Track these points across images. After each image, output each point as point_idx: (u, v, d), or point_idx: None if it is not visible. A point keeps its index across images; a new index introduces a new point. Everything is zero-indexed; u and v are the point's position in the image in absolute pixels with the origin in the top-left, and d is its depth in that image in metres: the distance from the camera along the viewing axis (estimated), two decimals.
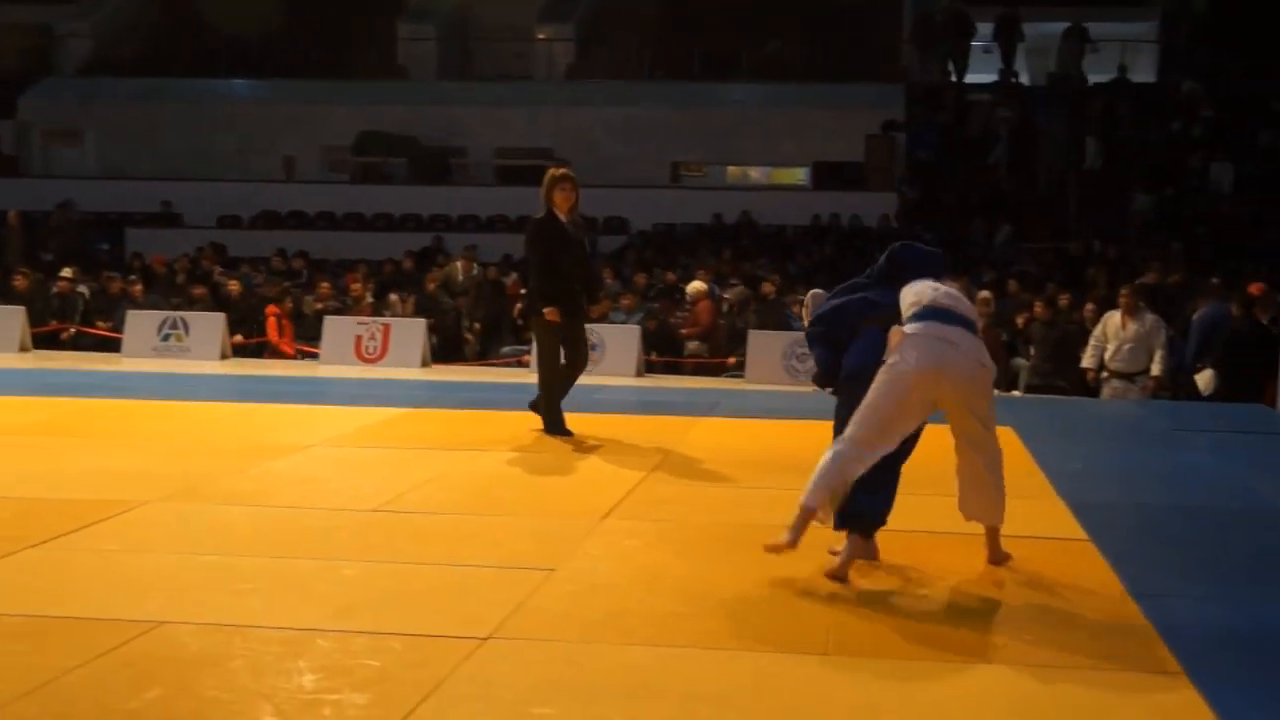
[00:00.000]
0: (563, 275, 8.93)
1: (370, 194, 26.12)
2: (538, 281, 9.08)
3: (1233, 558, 5.92)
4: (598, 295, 9.62)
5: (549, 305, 8.87)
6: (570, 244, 8.96)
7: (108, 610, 4.73)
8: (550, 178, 9.09)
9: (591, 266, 9.35)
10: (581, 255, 9.09)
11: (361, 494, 6.92)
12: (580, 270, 9.08)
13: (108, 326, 16.86)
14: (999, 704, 3.93)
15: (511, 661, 4.26)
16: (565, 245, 8.93)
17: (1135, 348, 12.31)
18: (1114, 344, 12.39)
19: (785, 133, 26.36)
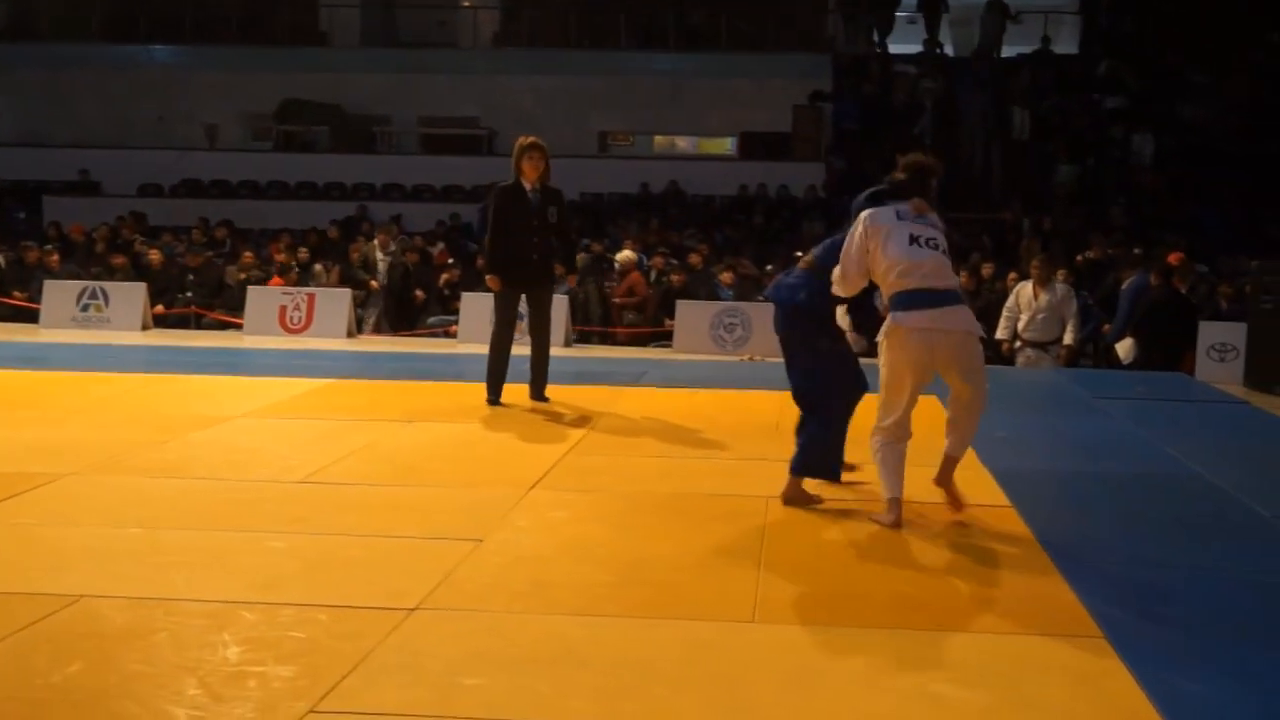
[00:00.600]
0: (517, 245, 8.94)
1: (293, 162, 25.82)
2: (487, 249, 9.21)
3: (1151, 522, 6.02)
4: (570, 266, 9.59)
5: (493, 273, 8.99)
6: (530, 213, 8.94)
7: (28, 584, 4.66)
8: (519, 147, 9.08)
9: (562, 236, 9.27)
10: (544, 226, 9.02)
11: (287, 465, 6.86)
12: (541, 241, 9.03)
13: (24, 297, 16.58)
14: (923, 668, 3.98)
15: (439, 632, 4.25)
16: (524, 214, 8.94)
17: (1048, 317, 12.48)
18: (1027, 314, 12.56)
19: (712, 103, 26.35)
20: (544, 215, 9.00)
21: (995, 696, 3.77)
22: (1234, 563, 5.30)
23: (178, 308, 16.54)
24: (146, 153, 25.74)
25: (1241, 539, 5.73)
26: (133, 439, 7.47)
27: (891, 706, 3.69)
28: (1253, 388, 11.48)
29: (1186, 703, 3.73)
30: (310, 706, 3.62)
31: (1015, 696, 3.78)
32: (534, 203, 8.97)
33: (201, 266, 17.03)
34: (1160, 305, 13.11)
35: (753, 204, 23.33)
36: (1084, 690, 3.84)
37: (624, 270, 16.08)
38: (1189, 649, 4.22)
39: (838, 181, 23.50)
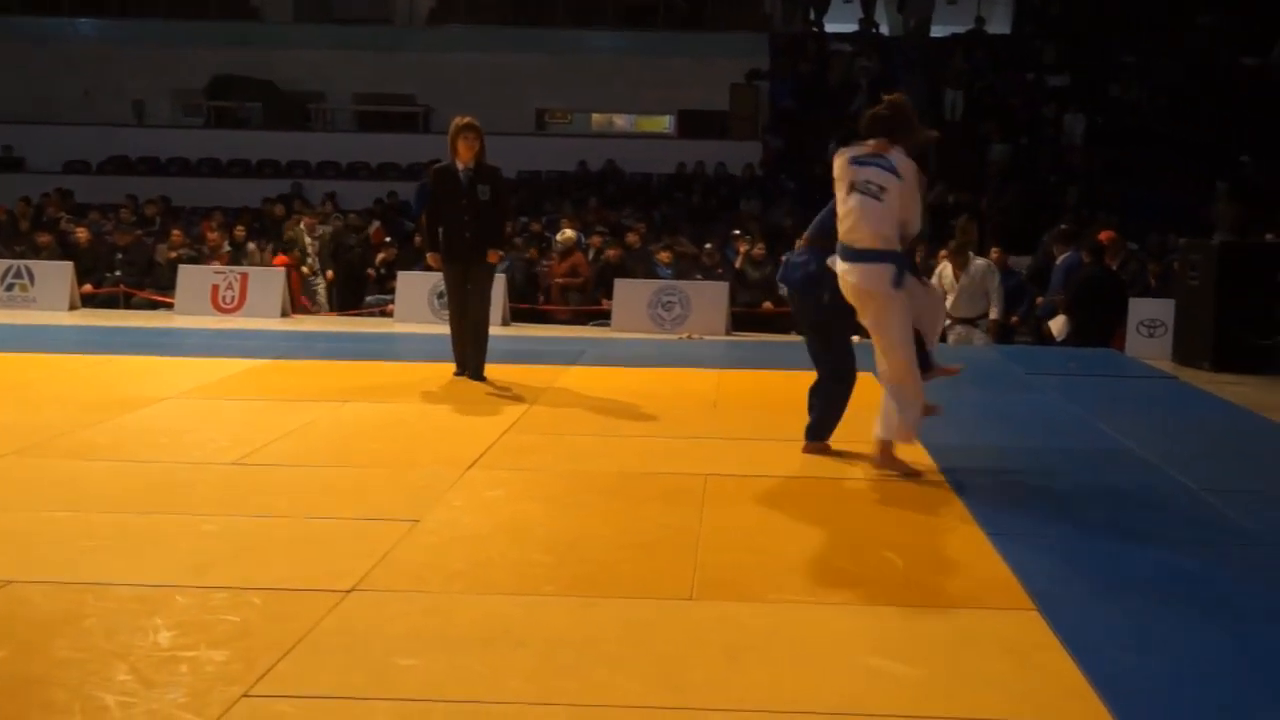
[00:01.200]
0: (450, 223, 9.10)
1: (225, 139, 25.55)
2: (426, 229, 9.40)
3: (1082, 496, 6.08)
4: (498, 243, 9.61)
5: (430, 252, 9.26)
6: (462, 193, 9.07)
7: None
8: (455, 127, 9.22)
9: (493, 216, 9.28)
10: (474, 204, 9.09)
11: (220, 447, 6.78)
12: (473, 219, 9.10)
13: None
14: (861, 642, 4.00)
15: (375, 614, 4.22)
16: (456, 194, 9.08)
17: (971, 294, 12.58)
18: (951, 294, 12.66)
19: (650, 81, 26.33)
20: (474, 194, 9.08)
21: (931, 670, 3.80)
22: (1163, 536, 5.37)
23: (106, 287, 16.29)
24: (72, 129, 25.35)
25: (1171, 511, 5.80)
26: (60, 421, 7.35)
27: (828, 681, 3.71)
28: (1181, 363, 11.63)
29: (1119, 674, 3.77)
30: (244, 690, 3.58)
31: (951, 670, 3.81)
32: (464, 182, 9.07)
33: (130, 245, 16.78)
34: (1091, 282, 13.25)
35: (690, 182, 23.34)
36: (1019, 663, 3.88)
37: (565, 250, 16.02)
38: (1122, 622, 4.27)
39: (774, 160, 23.58)
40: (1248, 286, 11.17)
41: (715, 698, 3.59)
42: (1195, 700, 3.64)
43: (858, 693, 3.64)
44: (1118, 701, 3.58)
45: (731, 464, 6.53)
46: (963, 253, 12.59)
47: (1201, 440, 7.68)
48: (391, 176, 24.13)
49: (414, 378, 9.30)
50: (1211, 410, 8.93)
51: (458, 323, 9.38)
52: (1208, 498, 6.02)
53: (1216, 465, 6.91)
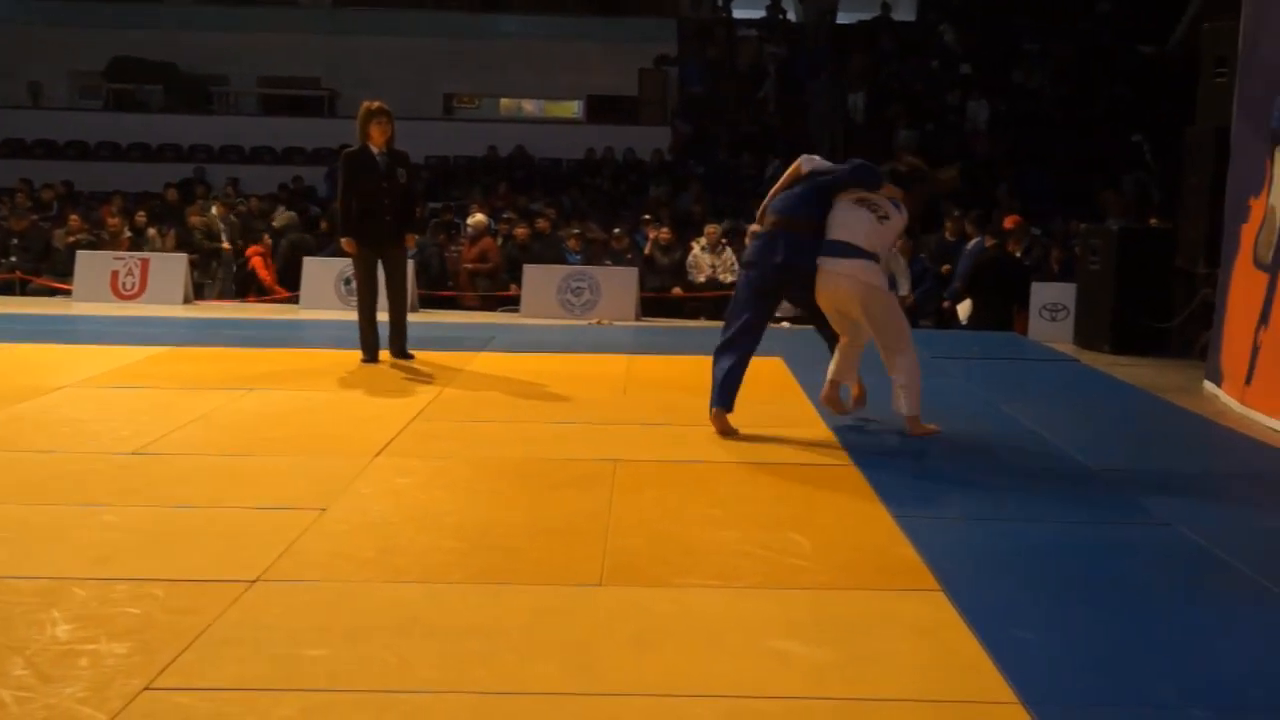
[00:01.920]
0: (369, 208, 9.14)
1: (125, 122, 25.03)
2: (340, 213, 9.39)
3: (986, 477, 6.19)
4: (414, 227, 9.76)
5: (347, 236, 9.23)
6: (380, 177, 9.15)
7: None
8: (366, 111, 9.27)
9: (409, 200, 9.47)
10: (394, 188, 9.21)
11: (121, 436, 6.66)
12: (392, 203, 9.22)
13: None
14: (769, 625, 4.03)
15: (281, 604, 4.17)
16: (374, 178, 9.14)
17: None
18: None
19: (559, 65, 26.26)
20: (394, 178, 9.19)
21: (837, 651, 3.84)
22: (1064, 514, 5.47)
23: (1, 273, 15.94)
24: None
25: (1072, 491, 5.91)
26: None
27: (736, 664, 3.73)
28: (1081, 346, 11.85)
29: (1021, 651, 3.84)
30: (145, 684, 3.52)
31: (856, 651, 3.85)
32: (383, 166, 9.16)
33: (27, 230, 16.42)
34: (991, 266, 13.46)
35: (600, 168, 23.30)
36: (923, 642, 3.93)
37: (476, 235, 15.93)
38: (1023, 599, 4.35)
39: (683, 145, 23.60)
40: (1146, 271, 11.40)
41: (624, 683, 3.60)
42: (1092, 675, 3.72)
43: (764, 675, 3.67)
44: (1018, 677, 3.64)
45: (641, 449, 6.55)
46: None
47: (1100, 421, 7.84)
48: (297, 161, 23.83)
49: (320, 365, 9.21)
50: (1110, 392, 9.11)
51: (370, 309, 9.38)
52: (1106, 477, 6.15)
53: (1114, 445, 7.06)
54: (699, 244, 15.52)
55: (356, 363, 9.24)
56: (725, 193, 20.77)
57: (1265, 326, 7.98)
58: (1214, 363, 9.10)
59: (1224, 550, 4.94)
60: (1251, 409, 8.04)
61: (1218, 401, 8.68)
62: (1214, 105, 10.46)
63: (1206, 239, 10.30)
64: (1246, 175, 8.82)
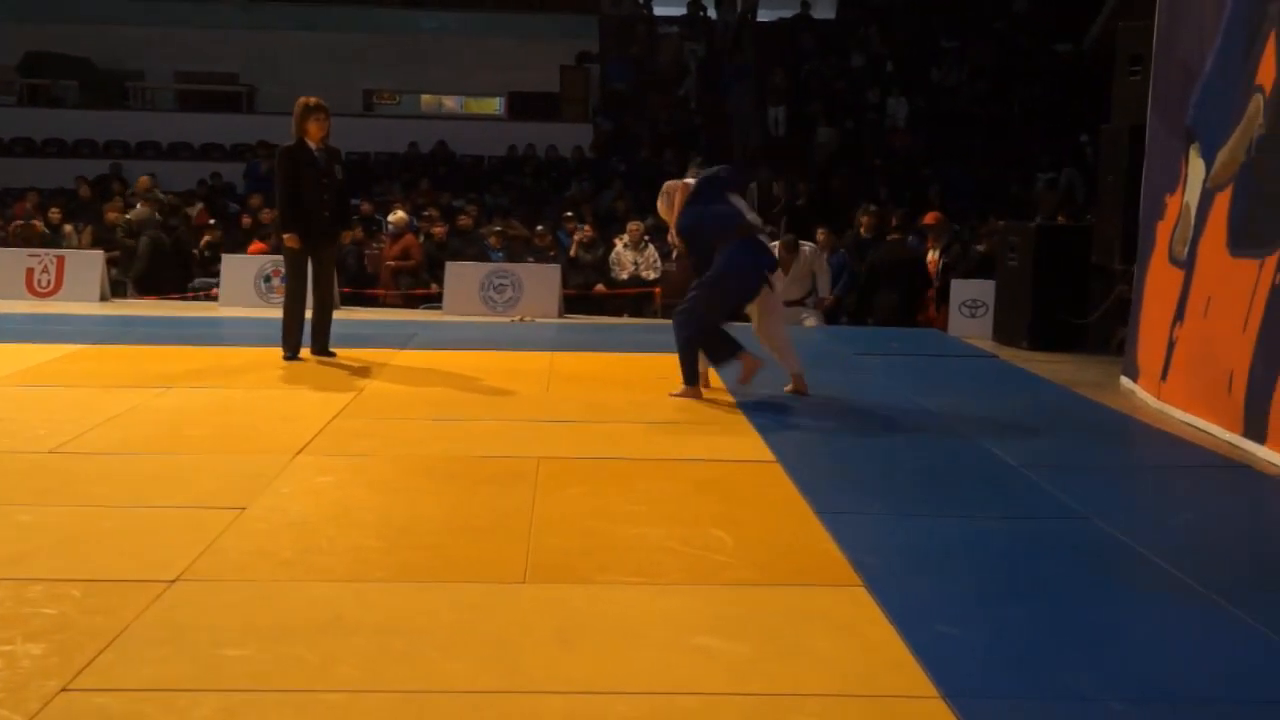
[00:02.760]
0: (308, 204, 9.14)
1: (39, 118, 24.60)
2: (280, 209, 9.33)
3: (907, 473, 6.25)
4: (348, 223, 9.83)
5: (289, 232, 9.16)
6: (319, 173, 9.18)
7: None
8: (304, 107, 9.24)
9: (344, 195, 9.55)
10: (330, 184, 9.24)
11: (36, 435, 6.55)
12: (330, 199, 9.25)
13: None
14: (691, 622, 4.05)
15: (201, 604, 4.13)
16: (314, 174, 9.16)
17: (799, 279, 12.84)
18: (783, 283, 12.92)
19: (479, 62, 26.16)
20: (332, 174, 9.25)
21: (758, 647, 3.86)
22: (985, 510, 5.54)
23: None
24: None
25: (991, 486, 5.99)
26: None
27: (658, 660, 3.75)
28: (1001, 342, 12.00)
29: (942, 647, 3.89)
30: (62, 685, 3.47)
31: (778, 646, 3.87)
32: (321, 162, 9.19)
33: None
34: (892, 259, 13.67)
35: (522, 164, 23.25)
36: (845, 638, 3.96)
37: (397, 232, 15.83)
38: (945, 595, 4.40)
39: (605, 142, 23.61)
40: (1063, 268, 11.57)
41: (546, 680, 3.60)
42: (1013, 668, 3.77)
43: (686, 672, 3.68)
44: (939, 672, 3.69)
45: (564, 447, 6.55)
46: (792, 242, 12.87)
47: (1019, 416, 7.94)
48: (215, 157, 23.55)
49: (240, 362, 9.11)
50: (1029, 387, 9.24)
51: (301, 304, 9.34)
52: (1025, 472, 6.23)
53: (1033, 440, 7.16)
54: (621, 241, 15.54)
55: (277, 360, 9.15)
56: (647, 190, 20.75)
57: (1180, 322, 8.13)
58: (1130, 358, 9.26)
59: (1140, 543, 5.03)
60: (1167, 404, 8.19)
61: (1134, 397, 8.83)
62: (1129, 103, 10.64)
63: (1123, 236, 10.48)
64: (1162, 173, 8.98)
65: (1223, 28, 7.86)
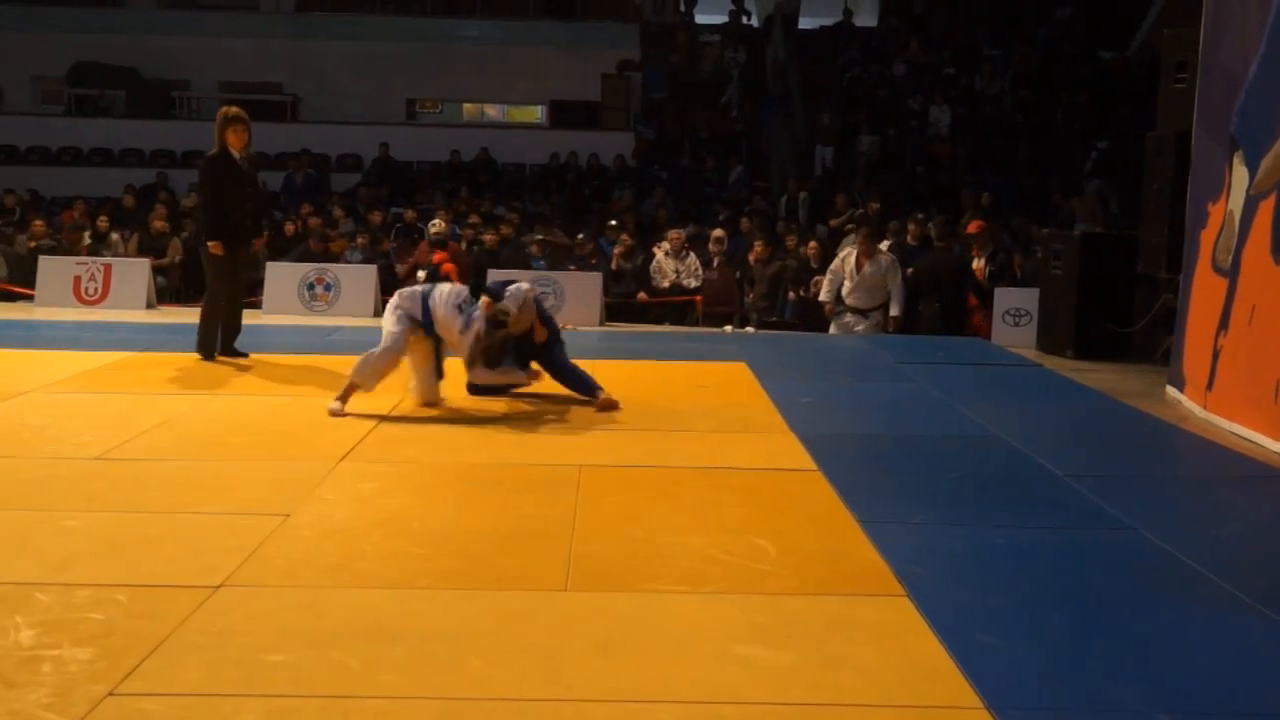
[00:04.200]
0: (233, 211, 9.51)
1: (87, 127, 24.84)
2: (206, 216, 9.74)
3: (951, 482, 6.21)
4: (261, 230, 10.25)
5: (215, 240, 9.49)
6: (242, 181, 9.56)
7: None
8: (224, 117, 9.69)
9: (261, 204, 10.04)
10: (254, 192, 9.75)
11: (82, 441, 6.61)
12: (251, 207, 9.70)
13: None
14: (734, 631, 4.04)
15: (245, 610, 4.15)
16: (236, 182, 9.53)
17: (870, 287, 12.79)
18: (850, 282, 12.86)
19: (521, 71, 26.22)
20: (254, 182, 9.76)
21: (801, 656, 3.85)
22: (1029, 520, 5.50)
23: None
24: None
25: (1035, 496, 5.95)
26: None
27: (701, 669, 3.74)
28: (1045, 351, 11.91)
29: (985, 657, 3.86)
30: (109, 689, 3.51)
31: (821, 655, 3.86)
32: (243, 170, 9.60)
33: None
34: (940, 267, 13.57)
35: (563, 173, 23.29)
36: (888, 647, 3.95)
37: (438, 240, 15.85)
38: (988, 605, 4.37)
39: (646, 150, 23.62)
40: (1108, 276, 11.48)
41: (589, 688, 3.61)
42: (1057, 680, 3.74)
43: (727, 681, 3.68)
44: (983, 682, 3.67)
45: (605, 454, 6.55)
46: (870, 247, 12.78)
47: (1064, 426, 7.89)
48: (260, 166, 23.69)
49: (283, 369, 9.17)
50: (1073, 396, 9.17)
51: (222, 308, 9.66)
52: (1070, 482, 6.19)
53: (1077, 450, 7.11)
54: (662, 249, 15.53)
55: (321, 367, 9.16)
56: (689, 198, 20.80)
57: (1225, 332, 8.06)
58: (1176, 368, 9.18)
59: (1187, 555, 4.98)
60: (1213, 414, 8.11)
61: (1180, 406, 8.75)
62: (1174, 111, 10.55)
63: (1168, 244, 10.39)
64: (1206, 181, 8.90)
65: (1266, 34, 7.78)
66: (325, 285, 14.82)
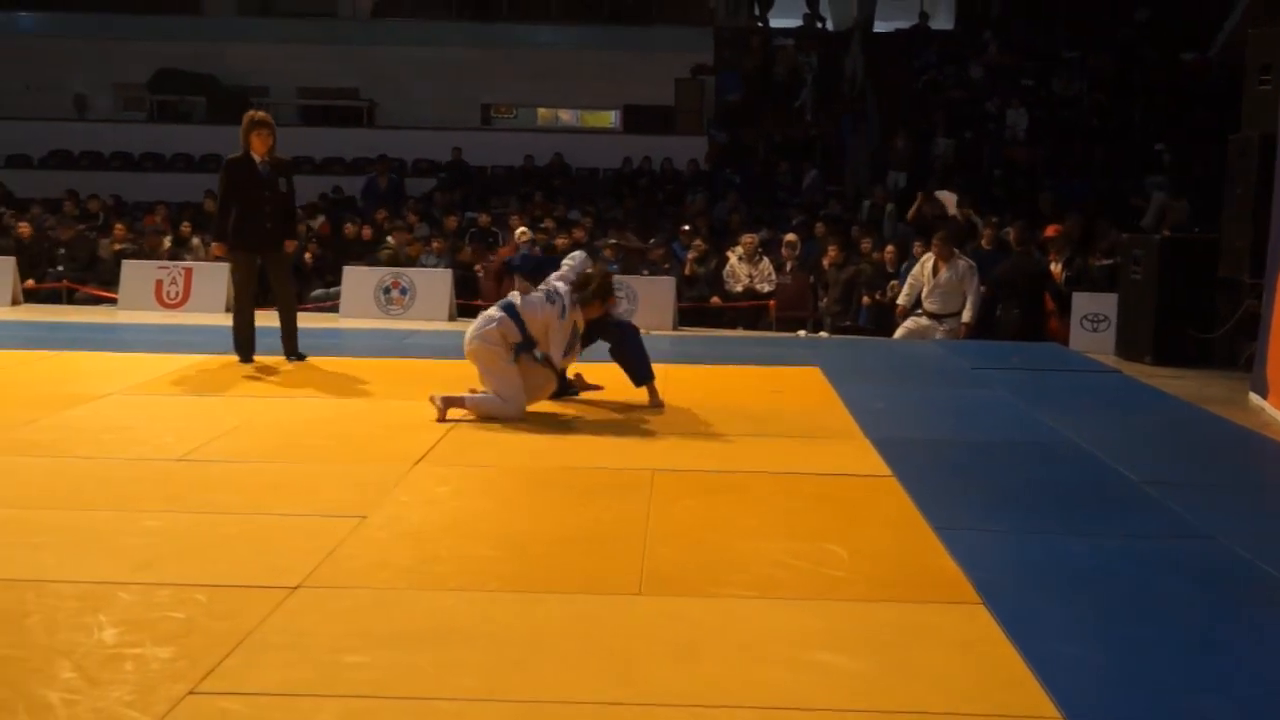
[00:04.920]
0: (250, 214, 9.56)
1: (168, 133, 25.24)
2: (216, 219, 9.88)
3: (1027, 489, 6.15)
4: (292, 233, 10.18)
5: (219, 241, 9.71)
6: (261, 185, 9.60)
7: None
8: (250, 121, 9.79)
9: (290, 207, 9.96)
10: (275, 195, 9.70)
11: (164, 443, 6.72)
12: (273, 210, 9.68)
13: None
14: (809, 637, 4.02)
15: (322, 610, 4.20)
16: (255, 186, 9.59)
17: (947, 292, 12.70)
18: (928, 286, 12.78)
19: (595, 75, 26.28)
20: (275, 185, 9.70)
21: (877, 664, 3.83)
22: (1106, 527, 5.43)
23: (49, 282, 16.10)
24: (13, 123, 24.93)
25: (1114, 505, 5.87)
26: (2, 417, 7.26)
27: (777, 675, 3.73)
28: (1123, 357, 11.77)
29: (1063, 666, 3.82)
30: (190, 688, 3.56)
31: (897, 663, 3.84)
32: (264, 174, 9.63)
33: (73, 240, 16.60)
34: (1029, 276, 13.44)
35: (636, 177, 23.33)
36: (964, 656, 3.91)
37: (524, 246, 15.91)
38: (1065, 614, 4.32)
39: (720, 155, 23.59)
40: (1188, 281, 11.31)
41: (663, 693, 3.61)
42: (1136, 690, 3.70)
43: (803, 687, 3.66)
44: (1060, 692, 3.62)
45: (678, 459, 6.55)
46: (947, 251, 12.69)
47: (1143, 433, 7.78)
48: (335, 171, 23.95)
49: (360, 373, 9.26)
50: (1153, 403, 9.05)
51: (248, 311, 9.74)
52: (1149, 490, 6.10)
53: (1157, 458, 7.01)
54: (735, 254, 15.51)
55: (396, 370, 9.29)
56: (762, 202, 20.74)
57: None
58: (1259, 374, 9.02)
59: (1270, 564, 4.90)
60: None
61: (1263, 414, 8.60)
62: (1259, 112, 10.38)
63: (1251, 248, 10.22)
64: None
65: None
66: (401, 289, 14.98)
